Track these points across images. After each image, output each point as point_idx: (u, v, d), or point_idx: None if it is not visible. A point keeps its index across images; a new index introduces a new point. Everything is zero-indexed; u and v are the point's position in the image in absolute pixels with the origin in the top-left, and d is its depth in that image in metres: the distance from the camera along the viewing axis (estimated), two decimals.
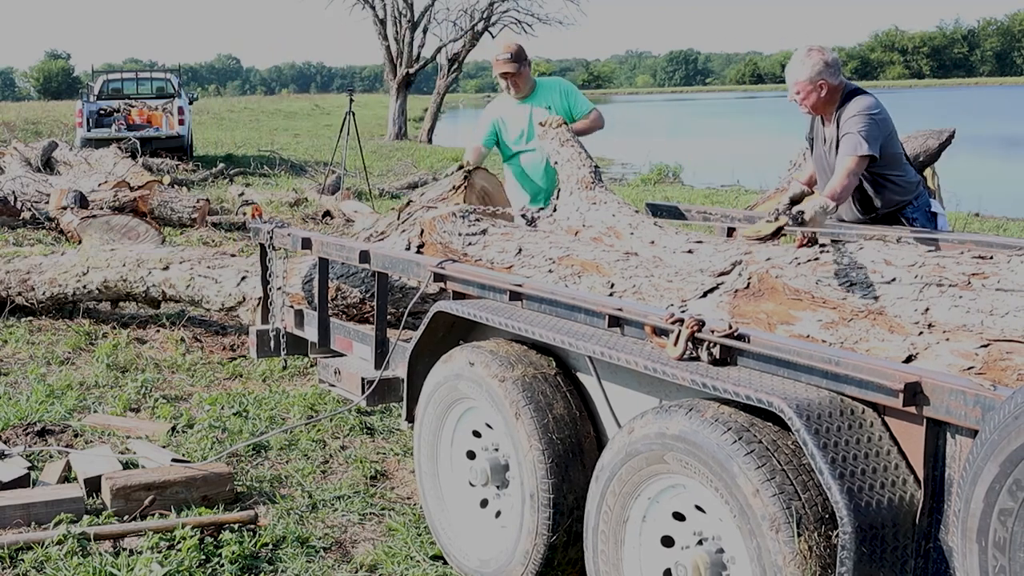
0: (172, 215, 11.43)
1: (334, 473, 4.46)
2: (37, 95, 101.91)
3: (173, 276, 6.34)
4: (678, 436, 2.51)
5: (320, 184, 14.62)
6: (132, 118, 19.81)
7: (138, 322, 7.00)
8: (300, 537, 3.75)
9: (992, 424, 1.93)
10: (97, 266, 6.74)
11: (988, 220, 12.60)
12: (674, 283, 3.33)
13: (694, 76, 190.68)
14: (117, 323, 6.94)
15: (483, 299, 3.53)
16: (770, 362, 2.49)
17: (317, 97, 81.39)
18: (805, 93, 4.50)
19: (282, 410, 5.24)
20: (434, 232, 4.39)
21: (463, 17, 32.57)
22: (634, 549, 2.74)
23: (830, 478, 2.20)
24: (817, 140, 4.73)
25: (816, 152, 4.76)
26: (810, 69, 4.45)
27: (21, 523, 3.77)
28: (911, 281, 2.64)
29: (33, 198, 11.53)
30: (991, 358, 2.35)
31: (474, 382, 3.28)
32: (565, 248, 3.88)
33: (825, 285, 2.82)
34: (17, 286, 6.98)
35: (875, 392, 2.25)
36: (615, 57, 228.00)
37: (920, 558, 2.25)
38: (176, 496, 3.96)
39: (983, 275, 2.52)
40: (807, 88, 4.49)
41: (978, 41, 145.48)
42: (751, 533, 2.34)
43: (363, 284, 4.96)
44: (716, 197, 15.53)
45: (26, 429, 4.80)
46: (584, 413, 3.15)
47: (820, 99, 4.49)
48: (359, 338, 4.42)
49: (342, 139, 14.64)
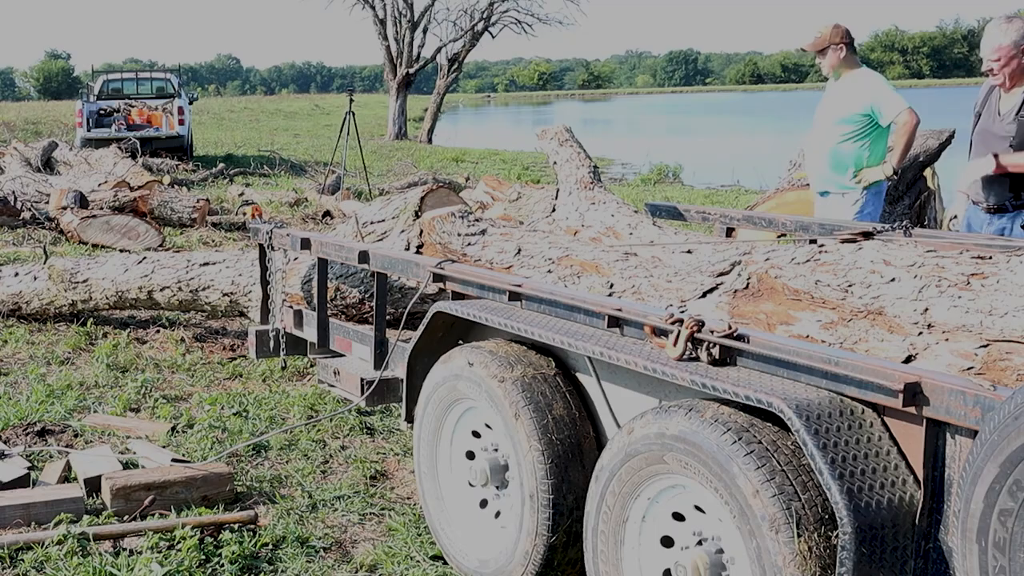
0: (172, 215, 11.44)
1: (334, 473, 4.46)
2: (37, 95, 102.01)
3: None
4: (678, 436, 2.51)
5: (320, 184, 14.62)
6: (132, 118, 19.81)
7: (138, 322, 7.00)
8: (300, 537, 3.76)
9: (992, 424, 1.93)
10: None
11: None
12: (673, 283, 3.33)
13: (694, 76, 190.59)
14: (117, 323, 6.94)
15: (482, 299, 3.53)
16: (770, 362, 2.49)
17: (317, 97, 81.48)
18: (1007, 59, 4.51)
19: (282, 410, 5.24)
20: (433, 232, 4.39)
21: (463, 17, 32.61)
22: (634, 549, 2.74)
23: (830, 478, 2.20)
24: (988, 112, 4.72)
25: (982, 125, 4.76)
26: (1015, 33, 4.48)
27: (21, 523, 3.77)
28: (910, 281, 2.64)
29: (33, 198, 11.54)
30: (990, 358, 2.35)
31: (473, 382, 3.28)
32: (564, 248, 3.88)
33: (825, 285, 2.82)
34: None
35: (875, 392, 2.25)
36: (615, 57, 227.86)
37: (920, 558, 2.25)
38: (176, 496, 3.96)
39: (982, 275, 2.52)
40: (1009, 53, 4.51)
41: (978, 41, 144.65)
42: (751, 533, 2.34)
43: (362, 284, 4.96)
44: (716, 197, 15.54)
45: (26, 429, 4.80)
46: (584, 413, 3.15)
47: (1020, 66, 4.51)
48: (358, 338, 4.43)
49: (342, 139, 14.66)
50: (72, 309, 6.78)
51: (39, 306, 6.81)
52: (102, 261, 6.66)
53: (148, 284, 6.29)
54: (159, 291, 6.26)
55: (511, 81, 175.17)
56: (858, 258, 2.82)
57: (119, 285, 6.41)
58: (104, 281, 6.48)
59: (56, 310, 6.81)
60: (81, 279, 6.56)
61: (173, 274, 6.22)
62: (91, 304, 6.65)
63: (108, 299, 6.53)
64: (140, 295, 6.36)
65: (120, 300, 6.51)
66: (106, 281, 6.47)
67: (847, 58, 5.73)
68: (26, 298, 6.83)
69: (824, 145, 5.76)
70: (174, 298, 6.24)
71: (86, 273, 6.57)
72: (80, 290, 6.57)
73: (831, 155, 5.72)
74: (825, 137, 5.76)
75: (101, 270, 6.54)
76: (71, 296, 6.63)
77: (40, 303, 6.79)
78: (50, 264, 6.72)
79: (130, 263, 6.48)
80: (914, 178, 6.75)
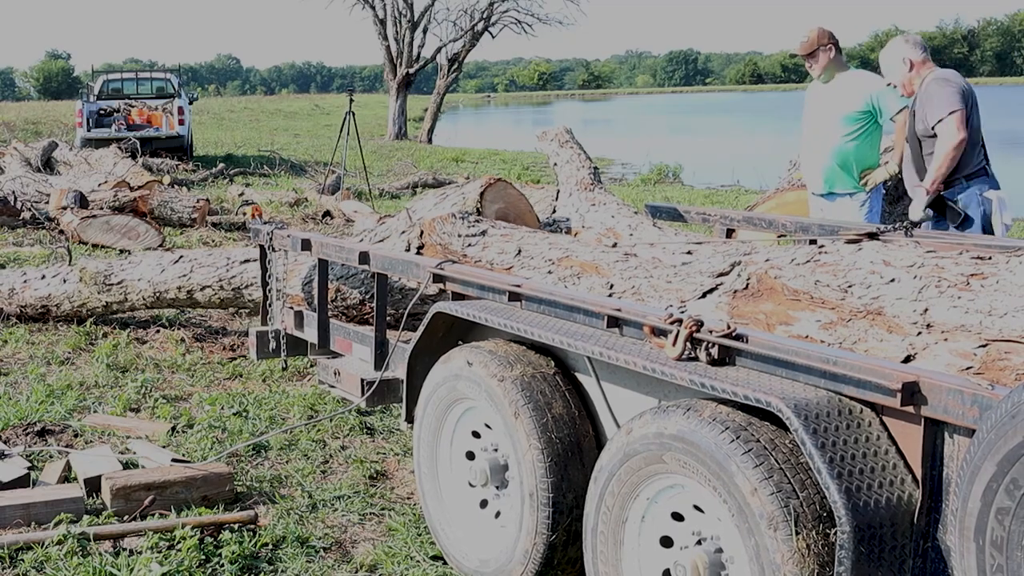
0: (172, 215, 11.44)
1: (334, 473, 4.46)
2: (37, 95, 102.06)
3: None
4: (676, 436, 2.52)
5: (320, 184, 14.63)
6: (132, 118, 19.82)
7: (138, 322, 7.00)
8: (300, 537, 3.76)
9: (989, 423, 1.93)
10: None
11: None
12: (673, 284, 3.34)
13: (694, 76, 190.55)
14: (117, 323, 6.94)
15: (482, 300, 3.54)
16: (768, 362, 2.50)
17: (317, 97, 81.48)
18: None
19: (282, 410, 5.25)
20: (433, 233, 4.40)
21: (463, 17, 32.63)
22: (633, 550, 2.75)
23: (828, 477, 2.20)
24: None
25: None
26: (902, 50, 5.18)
27: (21, 523, 3.77)
28: (910, 282, 2.64)
29: (33, 198, 11.55)
30: (989, 358, 2.36)
31: (473, 382, 3.28)
32: (564, 249, 3.89)
33: (824, 285, 2.82)
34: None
35: (873, 392, 2.25)
36: (615, 57, 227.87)
37: (918, 557, 2.26)
38: (176, 496, 3.96)
39: (982, 276, 2.52)
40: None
41: (978, 41, 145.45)
42: (749, 532, 2.34)
43: (362, 286, 4.97)
44: (716, 197, 15.54)
45: (26, 429, 4.80)
46: (583, 413, 3.16)
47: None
48: (359, 339, 4.43)
49: (342, 139, 14.65)
50: (106, 311, 6.73)
51: (70, 308, 6.72)
52: (135, 261, 6.53)
53: (188, 284, 6.17)
54: (200, 290, 6.13)
55: (511, 81, 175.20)
56: (858, 259, 2.82)
57: (156, 286, 6.29)
58: (140, 282, 6.36)
59: (88, 312, 6.75)
60: (116, 281, 6.46)
61: (213, 272, 6.07)
62: (127, 305, 6.57)
63: (145, 300, 6.42)
64: (179, 295, 6.24)
65: (158, 300, 6.39)
66: (142, 282, 6.35)
67: (836, 59, 5.76)
68: (56, 301, 6.74)
69: (827, 146, 5.76)
70: (215, 296, 6.10)
71: (120, 275, 6.46)
72: (115, 292, 6.48)
73: (838, 156, 5.71)
74: (827, 138, 5.76)
75: (136, 271, 6.42)
76: (105, 298, 6.55)
77: (72, 306, 6.71)
78: (81, 267, 6.62)
79: (166, 262, 6.34)
80: None
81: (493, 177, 4.95)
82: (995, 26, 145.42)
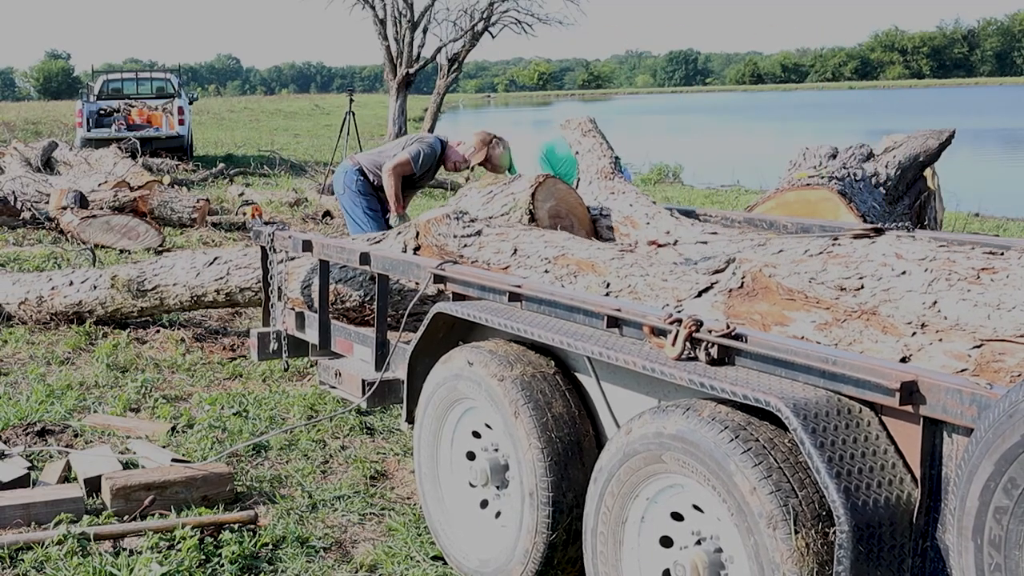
0: (172, 215, 11.45)
1: (334, 473, 4.47)
2: (37, 95, 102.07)
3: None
4: (675, 436, 2.52)
5: (320, 184, 14.63)
6: (132, 118, 19.80)
7: (138, 322, 7.01)
8: (300, 537, 3.76)
9: (987, 422, 1.94)
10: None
11: (988, 220, 12.59)
12: (669, 282, 3.34)
13: (694, 76, 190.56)
14: (117, 323, 6.94)
15: (482, 300, 3.54)
16: (767, 362, 2.50)
17: (317, 97, 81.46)
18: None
19: (282, 410, 5.25)
20: (429, 234, 4.40)
21: (463, 17, 32.57)
22: (633, 550, 2.75)
23: (827, 476, 2.21)
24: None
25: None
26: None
27: (21, 523, 3.78)
28: (921, 275, 2.63)
29: (33, 198, 11.54)
30: (984, 359, 2.36)
31: (473, 382, 3.29)
32: (560, 247, 3.89)
33: (819, 283, 2.82)
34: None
35: (872, 391, 2.26)
36: (615, 57, 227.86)
37: (917, 556, 2.26)
38: (176, 496, 3.97)
39: (992, 270, 2.52)
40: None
41: (978, 41, 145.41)
42: (748, 531, 2.35)
43: (362, 288, 4.97)
44: (716, 197, 15.55)
45: (26, 429, 4.81)
46: (583, 412, 3.16)
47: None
48: (360, 340, 4.44)
49: (342, 139, 14.66)
50: (141, 315, 6.76)
51: (103, 314, 6.74)
52: (167, 265, 6.47)
53: (226, 287, 6.13)
54: (239, 292, 6.10)
55: (511, 81, 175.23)
56: (871, 251, 2.81)
57: (194, 290, 6.25)
58: (176, 287, 6.32)
59: (123, 317, 6.78)
60: (150, 287, 6.42)
61: (252, 274, 6.01)
62: (162, 309, 6.58)
63: (183, 304, 6.41)
64: (218, 297, 6.22)
65: (195, 304, 6.38)
66: (178, 287, 6.31)
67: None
68: (88, 307, 6.72)
69: None
70: (256, 298, 6.04)
71: (154, 280, 6.42)
72: (150, 297, 6.46)
73: None
74: None
75: (170, 275, 6.37)
76: (140, 303, 6.54)
77: (104, 311, 6.71)
78: (112, 274, 6.61)
79: (200, 265, 6.28)
80: (914, 178, 6.75)
81: (542, 175, 4.87)
82: (995, 26, 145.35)
